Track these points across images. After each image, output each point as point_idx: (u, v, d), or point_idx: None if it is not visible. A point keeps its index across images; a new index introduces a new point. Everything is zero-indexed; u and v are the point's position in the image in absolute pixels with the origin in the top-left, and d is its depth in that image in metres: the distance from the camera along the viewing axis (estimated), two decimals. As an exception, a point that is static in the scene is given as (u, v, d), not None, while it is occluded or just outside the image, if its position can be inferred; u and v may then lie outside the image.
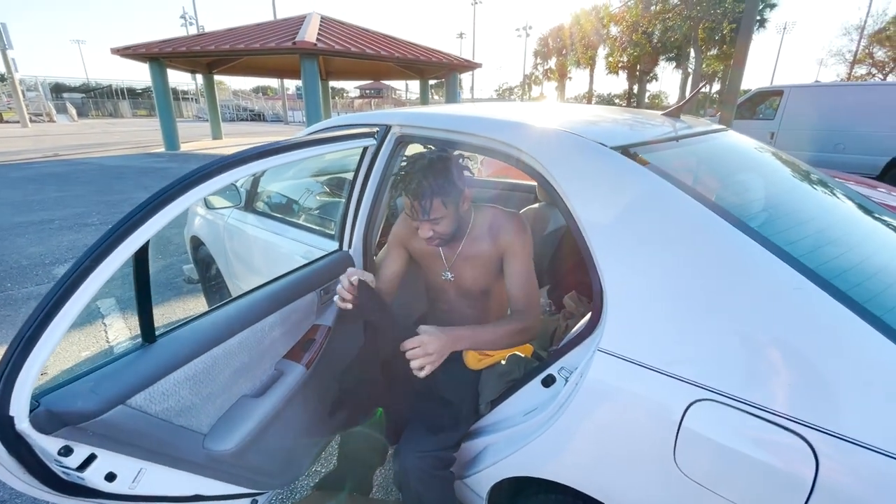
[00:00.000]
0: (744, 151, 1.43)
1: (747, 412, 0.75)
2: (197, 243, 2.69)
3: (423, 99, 17.36)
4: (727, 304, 0.80)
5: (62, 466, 0.76)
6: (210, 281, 2.77)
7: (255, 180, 2.27)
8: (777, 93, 7.62)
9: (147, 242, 0.76)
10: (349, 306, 1.16)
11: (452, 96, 15.65)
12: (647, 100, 33.28)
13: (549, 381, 1.08)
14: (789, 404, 0.72)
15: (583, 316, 1.62)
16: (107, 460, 0.81)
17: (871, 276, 0.87)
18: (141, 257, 0.79)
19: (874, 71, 25.44)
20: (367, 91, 45.23)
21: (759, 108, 8.07)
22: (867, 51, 25.41)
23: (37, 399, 0.72)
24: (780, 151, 1.56)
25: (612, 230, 0.94)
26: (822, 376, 0.72)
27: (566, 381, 1.02)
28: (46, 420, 0.70)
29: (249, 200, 2.21)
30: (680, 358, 0.82)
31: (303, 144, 1.09)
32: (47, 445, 0.72)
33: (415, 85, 24.51)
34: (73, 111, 30.24)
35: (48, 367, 2.44)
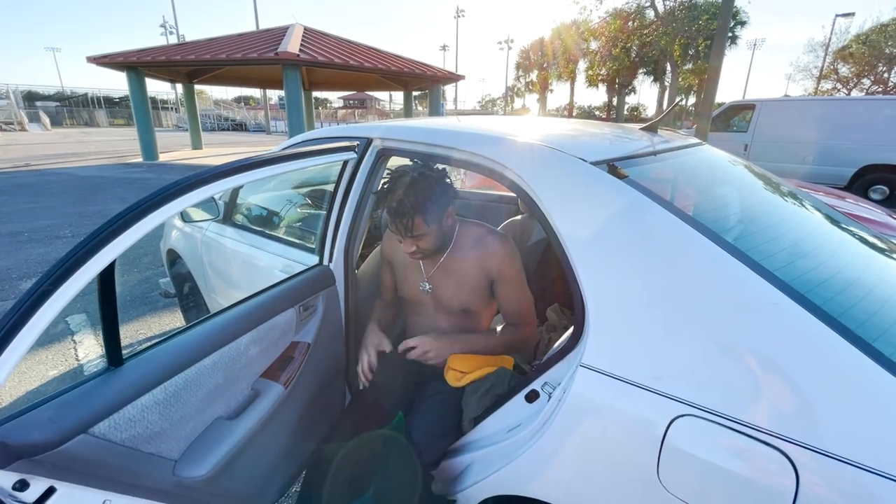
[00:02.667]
0: (720, 165, 1.46)
1: (729, 427, 0.75)
2: (174, 257, 2.62)
3: (407, 110, 17.45)
4: (707, 320, 0.81)
5: (17, 502, 0.71)
6: (186, 295, 2.69)
7: (234, 192, 2.22)
8: (749, 106, 7.90)
9: (113, 262, 0.73)
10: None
11: (436, 108, 15.77)
12: (626, 112, 34.08)
13: (532, 397, 1.07)
14: (768, 419, 0.73)
15: (565, 329, 1.62)
16: (67, 493, 0.76)
17: (843, 290, 0.89)
18: (107, 277, 0.75)
19: (839, 86, 26.61)
20: (351, 102, 45.26)
21: (733, 121, 8.35)
22: (832, 67, 26.58)
23: (-11, 431, 0.67)
24: (754, 165, 1.60)
25: (593, 245, 0.94)
26: (801, 391, 0.72)
27: (549, 396, 1.01)
28: None
29: (228, 213, 2.16)
30: (662, 373, 0.82)
31: (282, 159, 1.07)
32: (0, 480, 0.67)
33: (399, 96, 24.65)
34: (46, 120, 29.41)
35: (4, 394, 2.32)
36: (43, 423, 0.71)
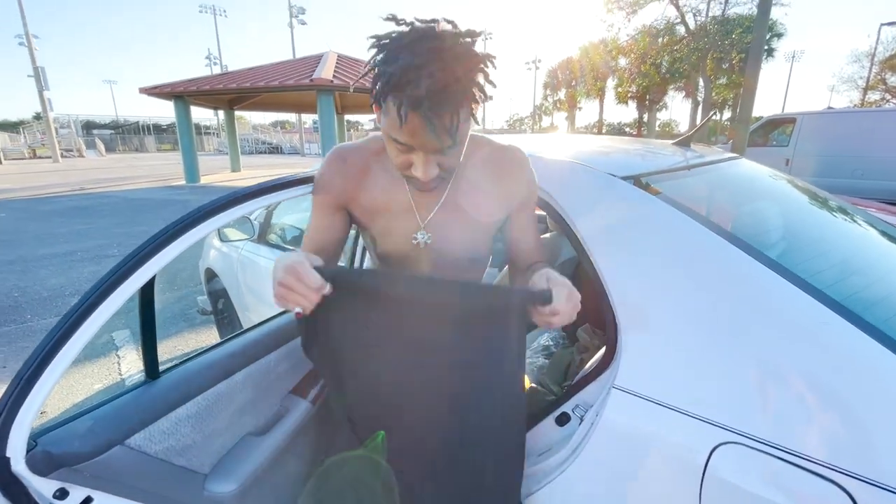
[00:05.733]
0: (759, 180, 1.40)
1: (778, 457, 0.69)
2: (211, 275, 2.72)
3: (436, 131, 17.70)
4: (750, 341, 0.76)
5: (57, 510, 0.73)
6: (222, 313, 2.78)
7: (269, 213, 2.30)
8: (789, 120, 7.62)
9: (153, 278, 0.76)
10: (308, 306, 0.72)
11: (464, 128, 15.94)
12: (657, 128, 33.52)
13: (563, 420, 1.03)
14: (824, 449, 0.67)
15: (597, 349, 1.57)
16: (103, 503, 0.78)
17: (904, 310, 0.82)
18: (146, 292, 0.78)
19: (888, 96, 25.34)
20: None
21: (772, 134, 8.07)
22: (880, 77, 25.42)
23: (34, 439, 0.70)
24: (796, 179, 1.53)
25: (626, 263, 0.91)
26: (859, 419, 0.67)
27: (581, 420, 0.97)
28: (43, 461, 0.69)
29: (263, 232, 2.24)
30: (702, 397, 0.78)
31: (309, 179, 1.10)
32: (43, 488, 0.70)
33: (427, 117, 25.08)
34: (101, 146, 31.70)
35: (49, 405, 2.44)
36: (83, 434, 0.74)
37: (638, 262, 0.90)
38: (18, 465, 0.66)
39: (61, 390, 2.53)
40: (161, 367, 0.92)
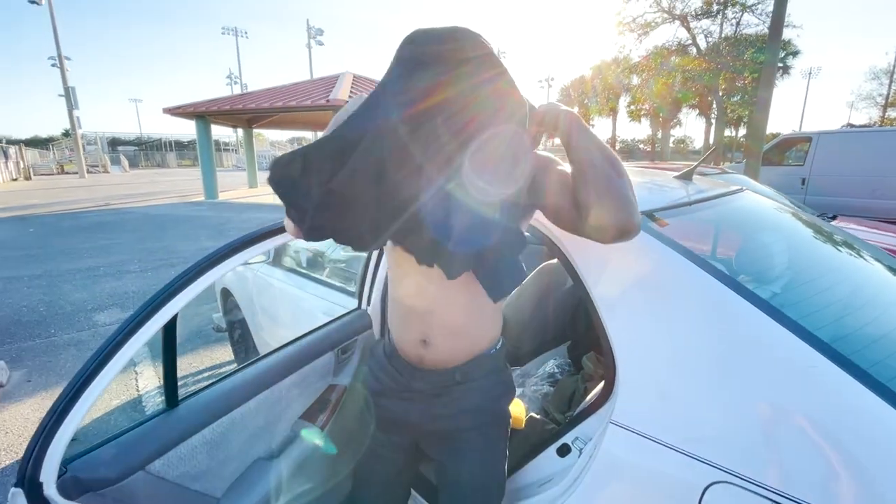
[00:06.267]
0: (759, 215, 1.42)
1: (769, 499, 0.71)
2: (226, 295, 2.80)
3: (449, 148, 17.90)
4: (741, 383, 0.78)
5: (82, 532, 0.78)
6: (236, 332, 2.85)
7: (284, 236, 2.38)
8: (805, 139, 7.54)
9: (175, 316, 0.82)
10: None
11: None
12: (671, 144, 33.36)
13: (564, 451, 1.05)
14: (814, 493, 0.69)
15: (601, 379, 1.59)
16: (124, 526, 0.83)
17: (897, 351, 0.84)
18: (169, 329, 0.84)
19: (909, 113, 24.96)
20: (396, 141, 47.01)
21: (788, 153, 7.99)
22: (899, 94, 25.10)
23: (65, 465, 0.76)
24: (800, 211, 1.54)
25: (622, 302, 0.94)
26: (847, 461, 0.68)
27: (580, 452, 0.99)
28: (72, 486, 0.74)
29: (277, 255, 2.31)
30: (695, 435, 0.80)
31: None
32: None
33: (440, 135, 25.42)
34: (125, 162, 32.76)
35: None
36: (109, 461, 0.80)
37: (634, 301, 0.93)
38: (50, 490, 0.72)
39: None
40: (179, 393, 0.97)
